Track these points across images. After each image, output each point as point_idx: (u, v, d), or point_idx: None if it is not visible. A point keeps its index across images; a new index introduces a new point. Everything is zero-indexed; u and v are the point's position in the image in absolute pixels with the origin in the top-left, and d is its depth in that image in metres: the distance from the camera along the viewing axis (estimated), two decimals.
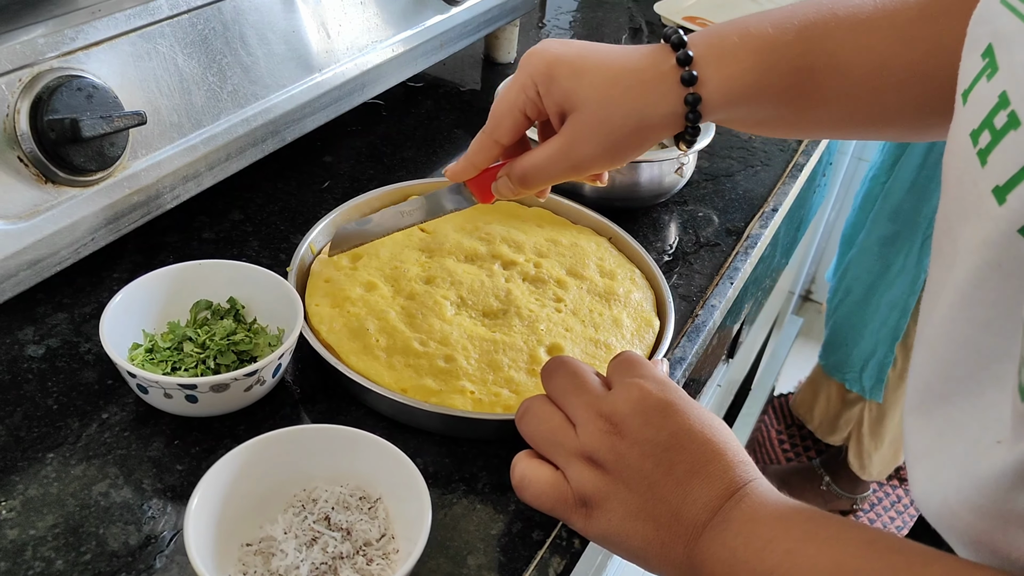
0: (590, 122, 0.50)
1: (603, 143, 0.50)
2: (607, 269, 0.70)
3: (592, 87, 0.49)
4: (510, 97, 0.52)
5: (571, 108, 0.50)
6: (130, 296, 0.57)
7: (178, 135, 0.64)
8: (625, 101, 0.49)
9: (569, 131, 0.50)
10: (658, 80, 0.49)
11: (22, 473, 0.51)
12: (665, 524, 0.45)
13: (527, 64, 0.51)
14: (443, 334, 0.61)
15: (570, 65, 0.50)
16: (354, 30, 0.78)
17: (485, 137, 0.54)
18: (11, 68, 0.53)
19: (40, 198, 0.56)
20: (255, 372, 0.53)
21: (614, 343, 0.63)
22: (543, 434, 0.50)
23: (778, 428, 2.15)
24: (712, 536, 0.44)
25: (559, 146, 0.51)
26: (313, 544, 0.47)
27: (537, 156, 0.52)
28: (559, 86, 0.50)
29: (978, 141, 0.35)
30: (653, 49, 0.50)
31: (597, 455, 0.47)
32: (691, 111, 0.49)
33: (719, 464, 0.46)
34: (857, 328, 1.70)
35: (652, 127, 0.50)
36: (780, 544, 0.42)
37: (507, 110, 0.52)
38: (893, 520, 1.98)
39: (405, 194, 0.73)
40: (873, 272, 1.65)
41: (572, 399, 0.50)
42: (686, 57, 0.48)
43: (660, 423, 0.47)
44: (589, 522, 0.47)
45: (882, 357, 1.67)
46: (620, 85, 0.49)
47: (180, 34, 0.63)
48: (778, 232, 0.90)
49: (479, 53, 1.09)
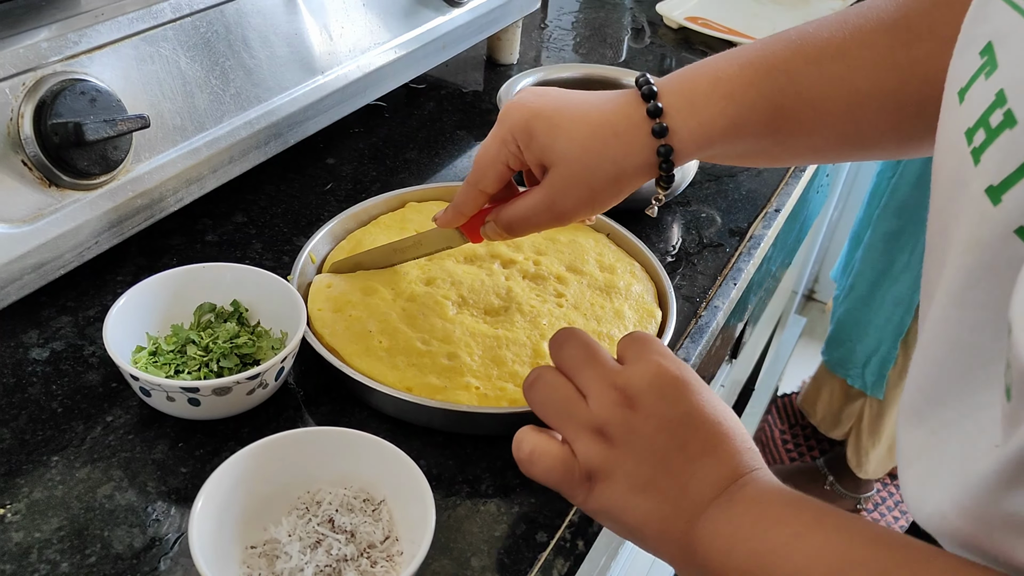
0: (570, 176, 0.51)
1: (583, 195, 0.52)
2: (606, 264, 0.70)
3: (570, 142, 0.51)
4: (492, 150, 0.54)
5: (550, 163, 0.52)
6: (133, 299, 0.57)
7: (181, 138, 0.64)
8: (602, 155, 0.51)
9: (550, 184, 0.52)
10: (631, 131, 0.50)
11: (27, 476, 0.51)
12: (671, 498, 0.45)
13: (507, 118, 0.53)
14: (445, 332, 0.61)
15: (548, 120, 0.51)
16: (356, 32, 0.79)
17: (470, 188, 0.56)
18: (15, 72, 0.53)
19: (44, 202, 0.56)
20: (258, 375, 0.53)
21: (617, 335, 0.63)
22: (554, 403, 0.49)
23: (781, 428, 2.15)
24: (715, 514, 0.44)
25: (541, 198, 0.53)
26: (317, 546, 0.47)
27: (521, 207, 0.54)
28: (538, 142, 0.51)
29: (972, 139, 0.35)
30: (626, 99, 0.51)
31: (608, 427, 0.47)
32: (663, 161, 0.51)
33: (729, 447, 0.46)
34: (861, 324, 1.70)
35: (628, 177, 0.52)
36: (788, 527, 0.41)
37: (490, 163, 0.54)
38: (897, 520, 1.98)
39: (402, 200, 0.74)
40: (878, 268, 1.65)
41: (585, 370, 0.49)
42: (656, 109, 0.50)
43: (675, 399, 0.46)
44: (590, 496, 0.47)
45: (885, 354, 1.67)
46: (596, 138, 0.51)
47: (183, 37, 0.63)
48: (781, 232, 0.90)
49: (481, 54, 1.09)
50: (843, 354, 1.76)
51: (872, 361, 1.70)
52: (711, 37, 1.21)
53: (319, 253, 0.68)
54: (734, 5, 1.32)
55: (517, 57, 1.08)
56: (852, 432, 1.86)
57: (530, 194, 0.54)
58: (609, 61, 1.13)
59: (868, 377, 1.72)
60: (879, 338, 1.67)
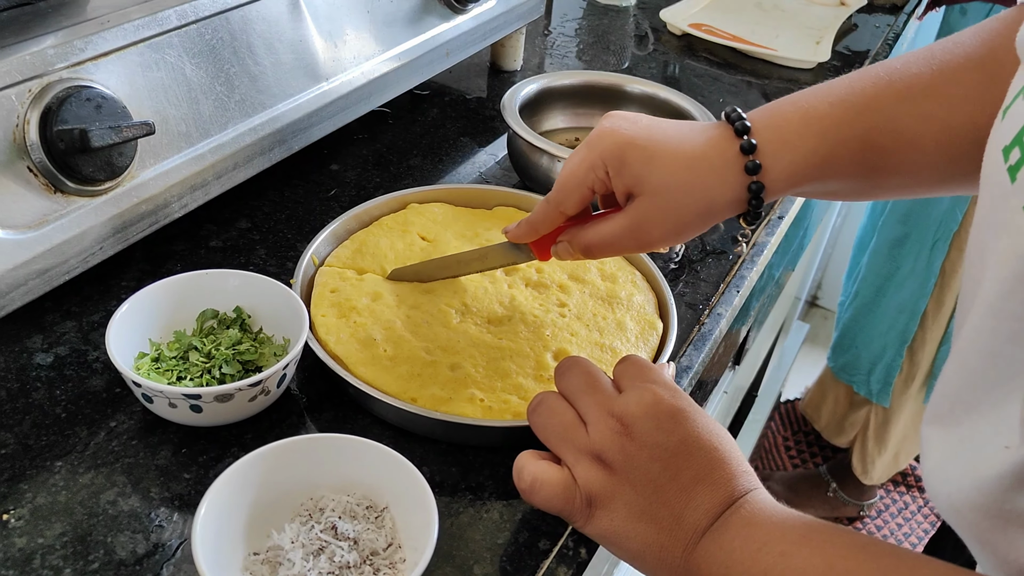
0: (660, 207, 0.51)
1: (671, 227, 0.52)
2: (608, 272, 0.70)
3: (664, 174, 0.51)
4: (579, 174, 0.53)
5: (640, 192, 0.52)
6: (136, 305, 0.57)
7: (186, 144, 0.64)
8: (694, 188, 0.51)
9: (637, 213, 0.52)
10: (724, 167, 0.51)
11: (31, 481, 0.51)
12: (666, 527, 0.46)
13: (598, 144, 0.52)
14: (449, 342, 0.61)
15: (642, 150, 0.51)
16: (360, 39, 0.79)
17: (551, 208, 0.56)
18: (21, 79, 0.54)
19: (49, 208, 0.56)
20: (259, 382, 0.53)
21: (619, 347, 0.63)
22: (554, 428, 0.51)
23: (784, 435, 2.14)
24: (710, 541, 0.45)
25: (627, 225, 0.53)
26: (320, 553, 0.47)
27: (604, 231, 0.54)
28: (630, 170, 0.51)
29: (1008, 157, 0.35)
30: (719, 133, 0.51)
31: (606, 454, 0.48)
32: (753, 198, 0.51)
33: (723, 472, 0.47)
34: (866, 331, 1.70)
35: (718, 212, 0.52)
36: (775, 547, 0.43)
37: (576, 186, 0.54)
38: (900, 527, 1.97)
39: (403, 202, 0.74)
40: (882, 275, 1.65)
41: (585, 398, 0.51)
42: (750, 146, 0.50)
43: (671, 428, 0.48)
44: (590, 521, 0.48)
45: (889, 360, 1.67)
46: (692, 172, 0.51)
47: (188, 44, 0.63)
48: (784, 238, 0.90)
49: (485, 61, 1.09)
50: (848, 360, 1.76)
51: (877, 368, 1.69)
52: (714, 44, 1.22)
53: (321, 255, 0.68)
54: (737, 12, 1.32)
55: (521, 64, 1.09)
56: (858, 439, 1.85)
57: (613, 219, 0.53)
58: (612, 68, 1.14)
59: (874, 384, 1.72)
60: (884, 345, 1.67)
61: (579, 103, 0.92)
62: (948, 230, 1.52)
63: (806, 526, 0.44)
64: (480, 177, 0.87)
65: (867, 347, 1.71)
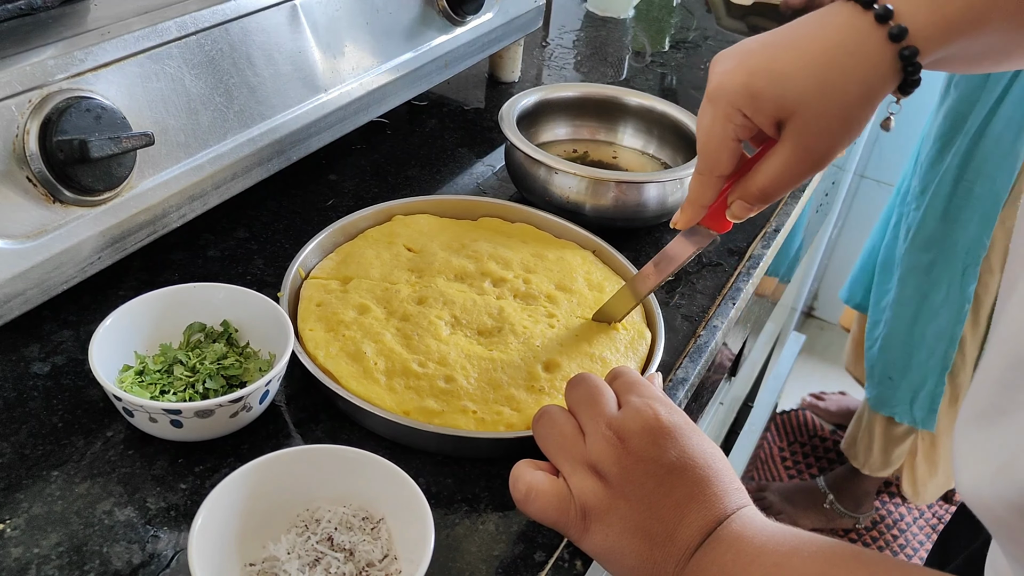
0: (818, 116, 0.48)
1: (839, 129, 0.48)
2: (595, 282, 0.70)
3: (804, 82, 0.47)
4: (717, 131, 0.51)
5: (788, 113, 0.48)
6: (122, 318, 0.57)
7: (185, 155, 0.64)
8: (845, 80, 0.47)
9: (796, 133, 0.49)
10: (866, 44, 0.47)
11: (27, 491, 0.51)
12: (660, 544, 0.46)
13: (721, 94, 0.50)
14: (441, 354, 0.61)
15: (767, 72, 0.48)
16: (359, 50, 0.79)
17: (706, 177, 0.53)
18: (21, 89, 0.54)
19: (48, 218, 0.56)
20: (241, 399, 0.53)
21: (609, 356, 0.63)
22: (553, 438, 0.51)
23: (780, 445, 2.14)
24: (702, 556, 0.45)
25: (792, 151, 0.49)
26: (316, 565, 0.47)
27: (772, 169, 0.50)
28: (766, 99, 0.48)
29: None
30: (842, 13, 0.47)
31: (602, 466, 0.48)
32: (908, 64, 0.47)
33: (715, 489, 0.47)
34: (902, 360, 1.66)
35: (878, 91, 0.48)
36: (768, 559, 0.43)
37: (718, 145, 0.51)
38: (896, 538, 1.97)
39: (388, 214, 0.74)
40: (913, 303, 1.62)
41: (586, 410, 0.51)
42: (886, 12, 0.46)
43: (666, 445, 0.48)
44: (585, 534, 0.48)
45: (932, 388, 1.63)
46: (832, 67, 0.47)
47: (188, 55, 0.64)
48: (780, 250, 0.90)
49: (483, 72, 1.10)
50: (886, 392, 1.72)
51: (920, 396, 1.66)
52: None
53: (308, 266, 0.68)
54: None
55: (519, 75, 1.09)
56: (906, 465, 1.82)
57: (776, 153, 0.50)
58: (610, 80, 1.14)
59: (917, 413, 1.68)
60: (924, 374, 1.63)
61: (577, 115, 0.92)
62: (977, 256, 1.49)
63: (797, 538, 0.44)
64: (478, 188, 0.87)
65: (906, 377, 1.67)
